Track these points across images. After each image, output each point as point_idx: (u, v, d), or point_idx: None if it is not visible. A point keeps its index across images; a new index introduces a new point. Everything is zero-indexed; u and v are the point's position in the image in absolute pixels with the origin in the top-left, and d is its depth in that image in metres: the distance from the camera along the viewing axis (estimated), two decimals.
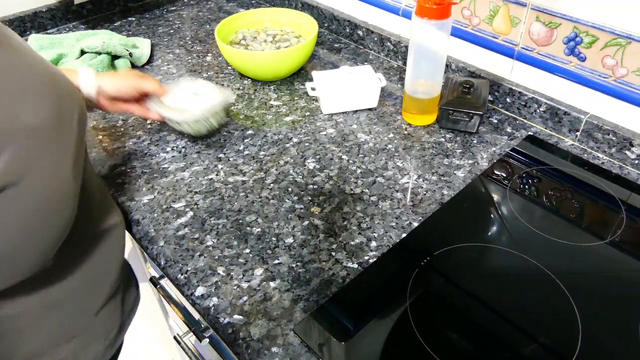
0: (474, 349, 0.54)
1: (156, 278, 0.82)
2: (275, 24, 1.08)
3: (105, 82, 0.72)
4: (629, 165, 0.77)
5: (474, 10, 0.88)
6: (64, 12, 1.20)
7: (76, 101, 0.48)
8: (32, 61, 0.43)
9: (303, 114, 0.90)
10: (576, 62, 0.78)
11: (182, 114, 0.77)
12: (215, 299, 0.59)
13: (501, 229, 0.67)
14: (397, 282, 0.60)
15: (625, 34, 0.71)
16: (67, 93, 0.47)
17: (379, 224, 0.68)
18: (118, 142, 0.84)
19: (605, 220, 0.69)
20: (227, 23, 1.02)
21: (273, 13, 1.07)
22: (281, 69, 0.96)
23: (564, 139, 0.83)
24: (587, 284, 0.60)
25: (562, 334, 0.55)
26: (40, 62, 0.45)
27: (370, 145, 0.82)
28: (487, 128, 0.86)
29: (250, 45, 1.01)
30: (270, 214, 0.70)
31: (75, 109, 0.47)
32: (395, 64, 1.05)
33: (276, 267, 0.62)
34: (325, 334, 0.55)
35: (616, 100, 0.76)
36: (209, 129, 0.80)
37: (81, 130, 0.48)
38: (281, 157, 0.80)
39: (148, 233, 0.68)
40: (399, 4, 1.01)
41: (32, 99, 0.42)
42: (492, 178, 0.76)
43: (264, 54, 0.93)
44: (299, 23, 1.05)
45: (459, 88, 0.83)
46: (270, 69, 0.95)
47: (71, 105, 0.46)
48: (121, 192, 0.74)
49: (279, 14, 1.07)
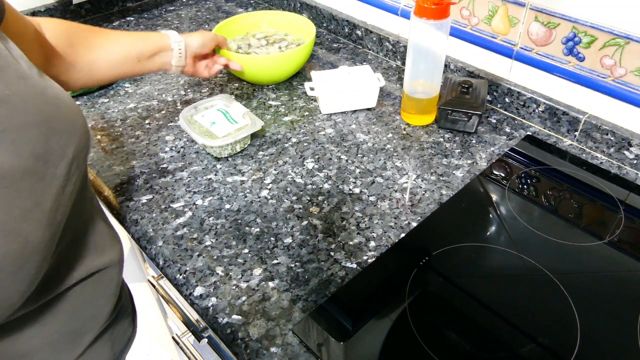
0: (472, 348, 0.54)
1: (155, 278, 0.82)
2: (272, 26, 1.07)
3: (190, 39, 0.78)
4: (628, 165, 0.77)
5: (473, 10, 0.88)
6: (62, 12, 1.20)
7: (74, 135, 0.42)
8: (26, 93, 0.38)
9: (302, 113, 0.90)
10: (575, 62, 0.78)
11: (208, 139, 0.76)
12: (213, 299, 0.59)
13: (500, 229, 0.67)
14: (395, 282, 0.60)
15: (624, 34, 0.71)
16: (63, 128, 0.41)
17: (378, 224, 0.68)
18: (116, 142, 0.84)
19: (603, 220, 0.69)
20: (224, 26, 1.01)
21: (270, 15, 1.06)
22: (278, 73, 0.95)
23: (563, 139, 0.83)
24: (586, 283, 0.60)
25: (560, 334, 0.55)
26: (38, 92, 0.40)
27: (369, 145, 0.82)
28: (485, 128, 0.86)
29: (254, 52, 0.99)
30: (269, 214, 0.69)
31: (69, 144, 0.41)
32: (394, 63, 1.05)
33: (275, 267, 0.62)
34: (324, 334, 0.55)
35: (615, 100, 0.76)
36: (231, 153, 0.80)
37: (73, 169, 0.42)
38: (280, 157, 0.80)
39: (147, 233, 0.68)
40: (397, 4, 1.01)
41: (9, 138, 0.36)
42: (491, 178, 0.76)
43: (261, 58, 0.92)
44: (297, 25, 1.04)
45: (457, 88, 0.83)
46: (268, 73, 0.94)
47: (64, 140, 0.41)
48: (120, 192, 0.74)
49: (276, 16, 1.06)
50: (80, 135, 0.43)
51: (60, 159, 0.40)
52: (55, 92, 0.42)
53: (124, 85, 0.99)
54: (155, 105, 0.93)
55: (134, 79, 1.00)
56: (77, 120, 0.43)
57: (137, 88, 0.98)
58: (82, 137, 0.44)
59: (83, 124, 0.45)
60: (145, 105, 0.93)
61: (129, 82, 0.99)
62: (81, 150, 0.43)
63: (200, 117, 0.82)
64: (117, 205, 0.72)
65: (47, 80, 0.43)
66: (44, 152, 0.39)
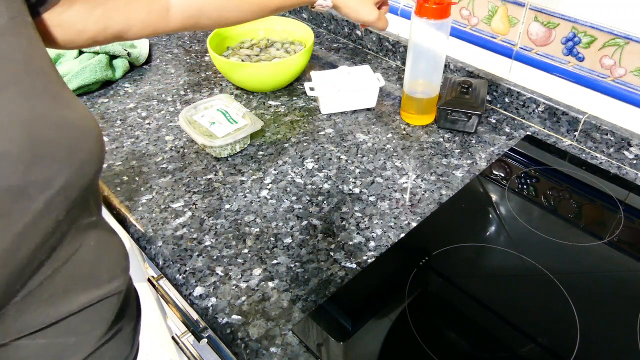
0: (472, 348, 0.54)
1: (154, 278, 0.82)
2: (269, 32, 1.05)
3: None
4: (627, 165, 0.77)
5: (473, 10, 0.88)
6: None
7: (71, 164, 0.38)
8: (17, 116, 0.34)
9: (302, 114, 0.90)
10: (574, 62, 0.79)
11: (208, 139, 0.76)
12: (213, 299, 0.59)
13: (499, 229, 0.68)
14: (395, 282, 0.60)
15: (623, 34, 0.71)
16: (55, 156, 0.36)
17: (378, 224, 0.68)
18: (116, 142, 0.84)
19: (603, 220, 0.69)
20: (220, 33, 0.99)
21: (267, 22, 1.05)
22: (275, 81, 0.94)
23: (562, 139, 0.83)
24: (585, 283, 0.60)
25: (560, 334, 0.55)
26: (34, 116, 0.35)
27: (369, 145, 0.82)
28: (485, 128, 0.86)
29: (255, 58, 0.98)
30: (268, 214, 0.69)
31: (60, 175, 0.37)
32: (394, 63, 1.05)
33: (275, 267, 0.62)
34: (323, 334, 0.55)
35: (614, 100, 0.76)
36: (230, 153, 0.80)
37: (57, 202, 0.38)
38: (280, 157, 0.80)
39: (146, 233, 0.67)
40: (397, 4, 1.01)
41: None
42: (491, 178, 0.76)
43: (259, 65, 0.91)
44: (294, 31, 1.03)
45: (457, 88, 0.83)
46: (265, 81, 0.93)
47: (53, 171, 0.36)
48: (119, 192, 0.74)
49: (273, 22, 1.05)
50: (81, 163, 0.38)
51: (39, 192, 0.36)
52: (67, 114, 0.38)
53: (123, 85, 0.99)
54: (155, 105, 0.93)
55: (133, 79, 1.00)
56: (81, 145, 0.39)
57: (137, 88, 0.98)
58: (85, 164, 0.39)
59: (91, 148, 0.40)
60: (145, 105, 0.93)
61: (128, 82, 0.99)
62: (78, 179, 0.39)
63: (200, 117, 0.82)
64: (117, 206, 0.72)
65: (65, 97, 0.39)
66: (19, 184, 0.34)
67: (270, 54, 0.99)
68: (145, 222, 0.69)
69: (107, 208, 0.75)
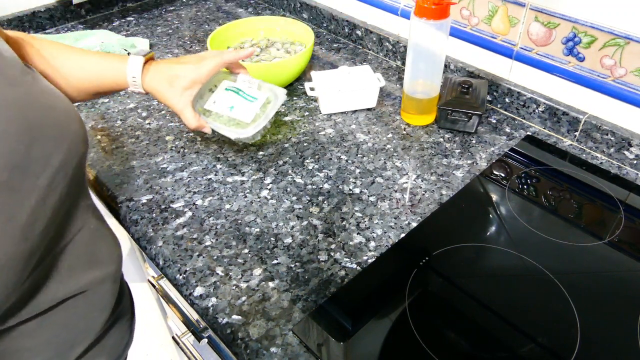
0: (472, 348, 0.54)
1: (155, 278, 0.82)
2: (269, 32, 1.05)
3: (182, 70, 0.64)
4: (628, 166, 0.77)
5: (473, 10, 0.88)
6: (62, 12, 1.20)
7: (62, 142, 0.40)
8: (10, 100, 0.37)
9: (302, 114, 0.90)
10: (575, 62, 0.79)
11: (241, 130, 0.67)
12: (213, 299, 0.59)
13: (500, 229, 0.67)
14: (395, 282, 0.60)
15: (624, 34, 0.71)
16: (49, 135, 0.39)
17: (378, 224, 0.68)
18: (117, 142, 0.84)
19: (603, 220, 0.69)
20: (221, 32, 0.99)
21: (268, 21, 1.05)
22: (276, 81, 0.91)
23: (563, 139, 0.83)
24: (586, 283, 0.60)
25: (560, 334, 0.55)
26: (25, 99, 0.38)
27: (369, 146, 0.82)
28: (485, 128, 0.86)
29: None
30: (269, 214, 0.69)
31: (55, 153, 0.39)
32: (394, 64, 1.05)
33: (275, 267, 0.62)
34: (324, 334, 0.55)
35: (615, 100, 0.76)
36: (263, 135, 0.72)
37: (58, 179, 0.40)
38: (280, 157, 0.80)
39: (146, 233, 0.68)
40: (397, 4, 1.01)
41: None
42: (491, 178, 0.76)
43: (259, 65, 0.90)
44: (294, 31, 1.03)
45: (457, 88, 0.83)
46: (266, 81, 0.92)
47: (49, 149, 0.39)
48: (120, 192, 0.74)
49: (274, 22, 1.04)
50: (71, 142, 0.41)
51: (42, 169, 0.38)
52: (49, 98, 0.40)
53: None
54: (155, 105, 0.93)
55: None
56: (68, 126, 0.41)
57: None
58: (73, 144, 0.41)
59: (76, 129, 0.42)
60: (145, 105, 0.93)
61: None
62: (72, 157, 0.41)
63: (212, 104, 0.72)
64: (116, 206, 0.72)
65: (42, 85, 0.41)
66: (23, 162, 0.37)
67: (271, 54, 0.99)
68: (146, 222, 0.69)
69: (108, 208, 0.75)
